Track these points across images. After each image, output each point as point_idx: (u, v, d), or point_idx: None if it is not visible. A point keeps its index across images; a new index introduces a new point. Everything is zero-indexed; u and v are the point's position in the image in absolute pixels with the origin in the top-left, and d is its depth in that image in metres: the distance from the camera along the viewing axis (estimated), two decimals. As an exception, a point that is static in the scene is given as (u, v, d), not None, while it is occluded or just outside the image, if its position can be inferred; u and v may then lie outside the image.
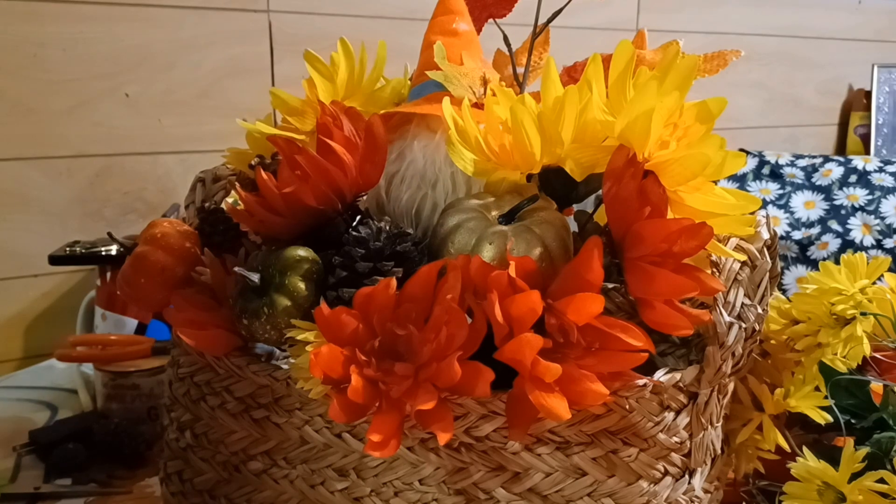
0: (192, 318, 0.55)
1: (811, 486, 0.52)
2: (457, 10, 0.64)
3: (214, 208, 0.60)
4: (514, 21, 0.67)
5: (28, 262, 1.02)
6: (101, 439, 0.74)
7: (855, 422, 0.58)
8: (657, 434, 0.50)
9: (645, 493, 0.50)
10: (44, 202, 1.02)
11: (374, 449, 0.45)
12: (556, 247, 0.51)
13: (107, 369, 0.78)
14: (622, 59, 0.49)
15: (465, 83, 0.60)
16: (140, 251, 0.57)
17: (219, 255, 0.58)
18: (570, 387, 0.45)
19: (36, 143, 1.00)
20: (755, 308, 0.49)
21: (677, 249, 0.46)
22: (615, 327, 0.46)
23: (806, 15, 1.67)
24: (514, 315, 0.45)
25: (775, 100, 1.68)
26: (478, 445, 0.51)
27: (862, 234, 1.20)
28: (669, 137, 0.47)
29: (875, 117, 1.69)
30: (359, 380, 0.46)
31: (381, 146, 0.55)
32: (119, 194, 1.07)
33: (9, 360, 1.04)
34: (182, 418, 0.60)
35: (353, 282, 0.50)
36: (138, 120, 1.06)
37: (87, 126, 1.03)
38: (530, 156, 0.52)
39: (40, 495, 0.68)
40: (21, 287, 1.03)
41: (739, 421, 0.56)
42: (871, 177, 1.27)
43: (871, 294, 0.55)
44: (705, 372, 0.50)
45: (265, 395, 0.55)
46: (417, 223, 0.58)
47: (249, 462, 0.57)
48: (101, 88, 1.03)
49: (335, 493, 0.54)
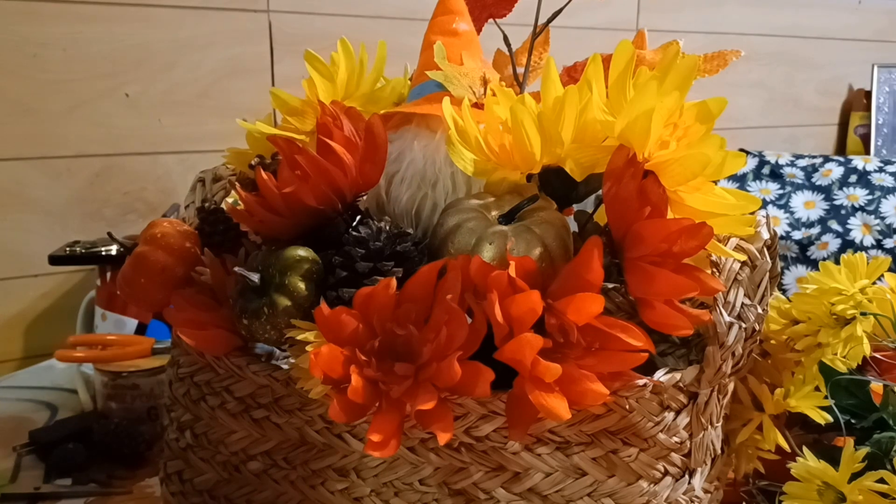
0: (192, 318, 0.55)
1: (811, 486, 0.52)
2: (457, 10, 0.64)
3: (214, 208, 0.60)
4: (514, 21, 0.67)
5: (28, 262, 1.02)
6: (101, 439, 0.74)
7: (855, 422, 0.58)
8: (657, 434, 0.50)
9: (645, 493, 0.50)
10: (44, 202, 1.02)
11: (374, 449, 0.45)
12: (556, 247, 0.51)
13: (107, 369, 0.78)
14: (622, 59, 0.49)
15: (465, 83, 0.60)
16: (140, 251, 0.57)
17: (219, 255, 0.58)
18: (570, 387, 0.45)
19: (36, 143, 1.00)
20: (755, 308, 0.49)
21: (677, 249, 0.46)
22: (615, 327, 0.46)
23: (806, 15, 1.67)
24: (514, 315, 0.45)
25: (775, 100, 1.68)
26: (478, 445, 0.51)
27: (862, 234, 1.20)
28: (669, 137, 0.47)
29: (875, 117, 1.69)
30: (359, 380, 0.46)
31: (381, 146, 0.55)
32: (119, 194, 1.07)
33: (9, 360, 1.04)
34: (182, 418, 0.60)
35: (353, 282, 0.50)
36: (138, 120, 1.06)
37: (87, 126, 1.03)
38: (530, 156, 0.52)
39: (40, 495, 0.68)
40: (21, 287, 1.03)
41: (739, 421, 0.56)
42: (871, 177, 1.27)
43: (871, 294, 0.55)
44: (705, 372, 0.50)
45: (265, 395, 0.55)
46: (417, 223, 0.58)
47: (249, 462, 0.57)
48: (101, 88, 1.03)
49: (335, 494, 0.54)
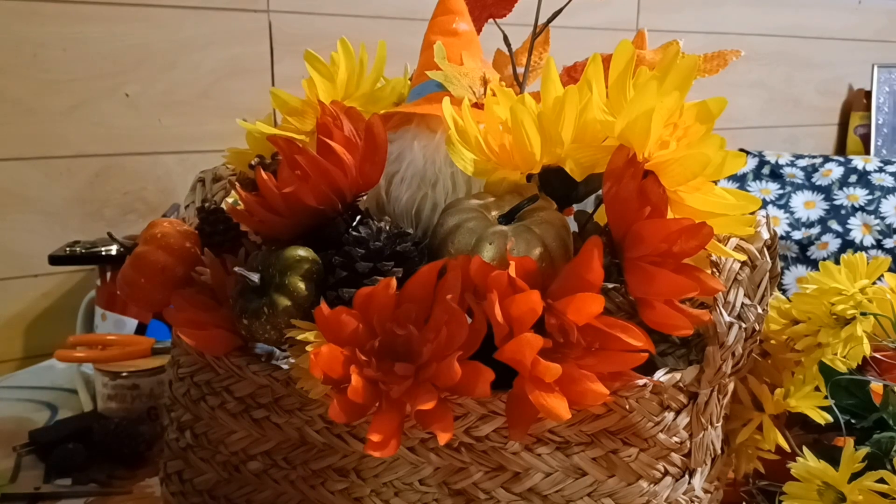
0: (192, 317, 0.55)
1: (811, 486, 0.52)
2: (457, 10, 0.64)
3: (214, 208, 0.60)
4: (514, 21, 0.67)
5: (28, 262, 1.02)
6: (101, 439, 0.74)
7: (855, 422, 0.58)
8: (657, 434, 0.50)
9: (645, 493, 0.50)
10: (44, 202, 1.02)
11: (374, 449, 0.45)
12: (557, 247, 0.51)
13: (107, 369, 0.78)
14: (622, 59, 0.49)
15: (465, 83, 0.60)
16: (140, 251, 0.57)
17: (219, 255, 0.57)
18: (570, 387, 0.45)
19: (36, 143, 1.00)
20: (755, 308, 0.49)
21: (677, 249, 0.46)
22: (615, 327, 0.46)
23: (806, 15, 1.67)
24: (514, 315, 0.45)
25: (775, 100, 1.68)
26: (478, 445, 0.51)
27: (862, 234, 1.20)
28: (669, 137, 0.47)
29: (875, 117, 1.69)
30: (359, 380, 0.46)
31: (381, 146, 0.55)
32: (119, 194, 1.07)
33: (9, 360, 1.04)
34: (182, 418, 0.60)
35: (353, 282, 0.50)
36: (138, 120, 1.06)
37: (87, 126, 1.03)
38: (530, 156, 0.52)
39: (40, 495, 0.68)
40: (21, 287, 1.03)
41: (739, 421, 0.56)
42: (871, 177, 1.27)
43: (871, 294, 0.55)
44: (705, 372, 0.50)
45: (265, 395, 0.55)
46: (417, 223, 0.58)
47: (249, 462, 0.57)
48: (101, 88, 1.03)
49: (335, 494, 0.54)
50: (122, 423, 0.75)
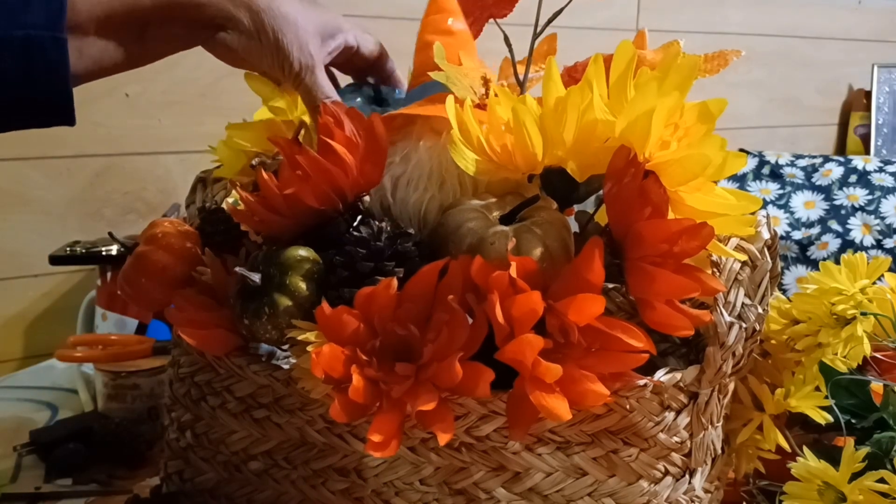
0: (193, 317, 0.55)
1: (811, 486, 0.52)
2: (449, 9, 0.63)
3: (215, 208, 0.60)
4: (514, 21, 0.67)
5: (28, 262, 1.02)
6: (101, 439, 0.74)
7: (855, 422, 0.58)
8: (657, 434, 0.50)
9: (645, 492, 0.50)
10: (44, 202, 1.02)
11: (374, 449, 0.45)
12: (557, 247, 0.51)
13: (107, 369, 0.78)
14: (623, 60, 0.49)
15: (466, 83, 0.59)
16: (141, 251, 0.57)
17: (219, 255, 0.57)
18: (571, 387, 0.45)
19: (36, 143, 1.00)
20: (755, 308, 0.49)
21: (678, 250, 0.46)
22: (616, 328, 0.46)
23: (806, 15, 1.67)
24: (514, 315, 0.45)
25: (775, 100, 1.68)
26: (478, 445, 0.51)
27: (862, 234, 1.20)
28: (670, 138, 0.47)
29: (875, 117, 1.69)
30: (360, 380, 0.46)
31: (382, 146, 0.55)
32: (119, 194, 1.07)
33: (9, 360, 1.04)
34: (182, 418, 0.60)
35: (354, 282, 0.50)
36: (138, 120, 1.06)
37: (87, 126, 1.02)
38: (532, 156, 0.52)
39: (41, 495, 0.68)
40: (21, 287, 1.03)
41: (740, 421, 0.56)
42: (871, 177, 1.27)
43: (872, 294, 0.55)
44: (706, 372, 0.50)
45: (266, 395, 0.55)
46: (425, 225, 0.57)
47: (250, 462, 0.57)
48: (101, 88, 1.02)
49: (336, 493, 0.54)
50: (122, 423, 0.75)
